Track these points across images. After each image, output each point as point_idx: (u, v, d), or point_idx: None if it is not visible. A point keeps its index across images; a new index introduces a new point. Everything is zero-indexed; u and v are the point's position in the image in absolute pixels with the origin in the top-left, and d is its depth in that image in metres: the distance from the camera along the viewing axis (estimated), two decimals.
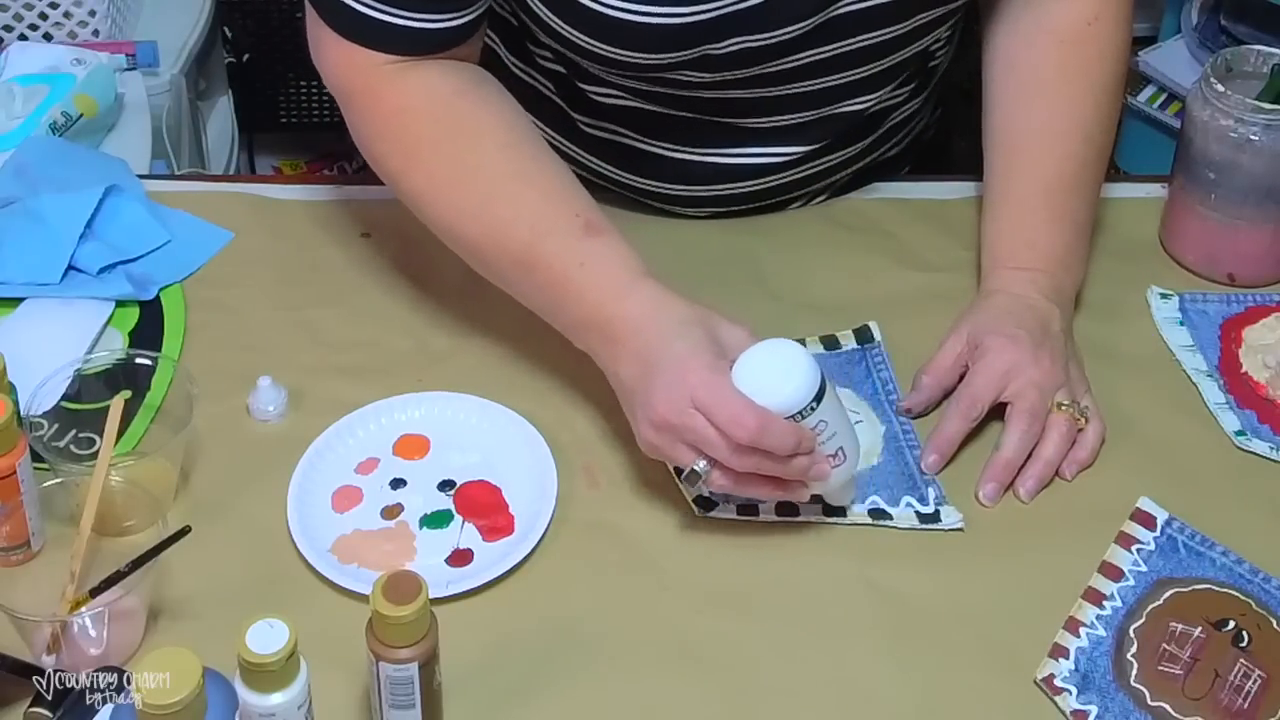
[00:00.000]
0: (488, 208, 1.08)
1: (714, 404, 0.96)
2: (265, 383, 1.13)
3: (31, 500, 0.99)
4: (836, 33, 1.13)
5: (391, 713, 0.89)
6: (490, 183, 1.08)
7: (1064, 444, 1.09)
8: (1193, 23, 2.22)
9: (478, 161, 1.09)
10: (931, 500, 1.07)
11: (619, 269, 1.04)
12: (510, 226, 1.07)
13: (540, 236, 1.06)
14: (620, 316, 1.03)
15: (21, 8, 1.86)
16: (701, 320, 1.01)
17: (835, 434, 1.00)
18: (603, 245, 1.05)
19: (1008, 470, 1.08)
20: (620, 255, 1.05)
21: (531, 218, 1.07)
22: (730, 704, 0.96)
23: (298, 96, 2.63)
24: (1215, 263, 1.27)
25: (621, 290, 1.03)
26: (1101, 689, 0.96)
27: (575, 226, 1.06)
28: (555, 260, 1.05)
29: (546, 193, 1.08)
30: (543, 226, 1.06)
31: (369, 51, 1.09)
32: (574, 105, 1.24)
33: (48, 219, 1.24)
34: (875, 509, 1.07)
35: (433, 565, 1.03)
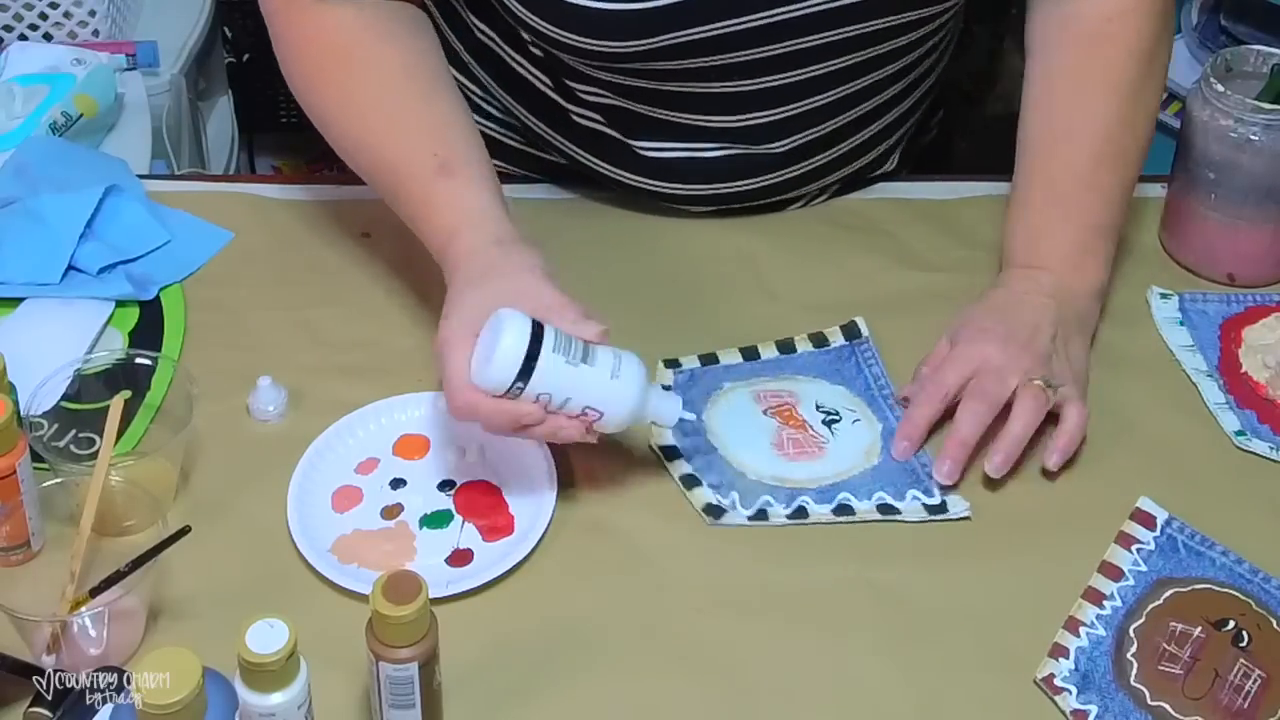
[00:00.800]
0: (366, 141, 1.14)
1: (442, 378, 1.00)
2: (265, 383, 1.13)
3: (31, 500, 0.99)
4: (802, 25, 1.13)
5: (391, 713, 0.89)
6: (372, 113, 1.13)
7: (1033, 418, 1.07)
8: (1193, 23, 2.22)
9: (362, 97, 1.14)
10: (937, 492, 1.07)
11: (452, 213, 1.08)
12: (381, 156, 1.13)
13: (403, 170, 1.11)
14: (445, 262, 1.07)
15: (21, 8, 1.85)
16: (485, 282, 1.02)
17: (569, 399, 0.98)
18: (448, 187, 1.09)
19: (961, 448, 1.07)
20: (460, 198, 1.08)
21: (398, 151, 1.12)
22: (730, 704, 0.96)
23: None
24: (1215, 263, 1.27)
25: (448, 235, 1.07)
26: (1101, 689, 0.96)
27: (429, 166, 1.09)
28: (410, 199, 1.11)
29: (420, 127, 1.12)
30: (404, 161, 1.11)
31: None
32: (565, 97, 1.24)
33: (48, 219, 1.24)
34: (883, 504, 1.07)
35: (433, 565, 1.03)
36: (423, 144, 1.11)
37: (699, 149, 1.24)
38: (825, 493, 1.07)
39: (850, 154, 1.29)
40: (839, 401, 1.14)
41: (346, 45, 1.14)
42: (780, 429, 1.11)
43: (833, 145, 1.26)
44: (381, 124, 1.13)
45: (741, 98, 1.19)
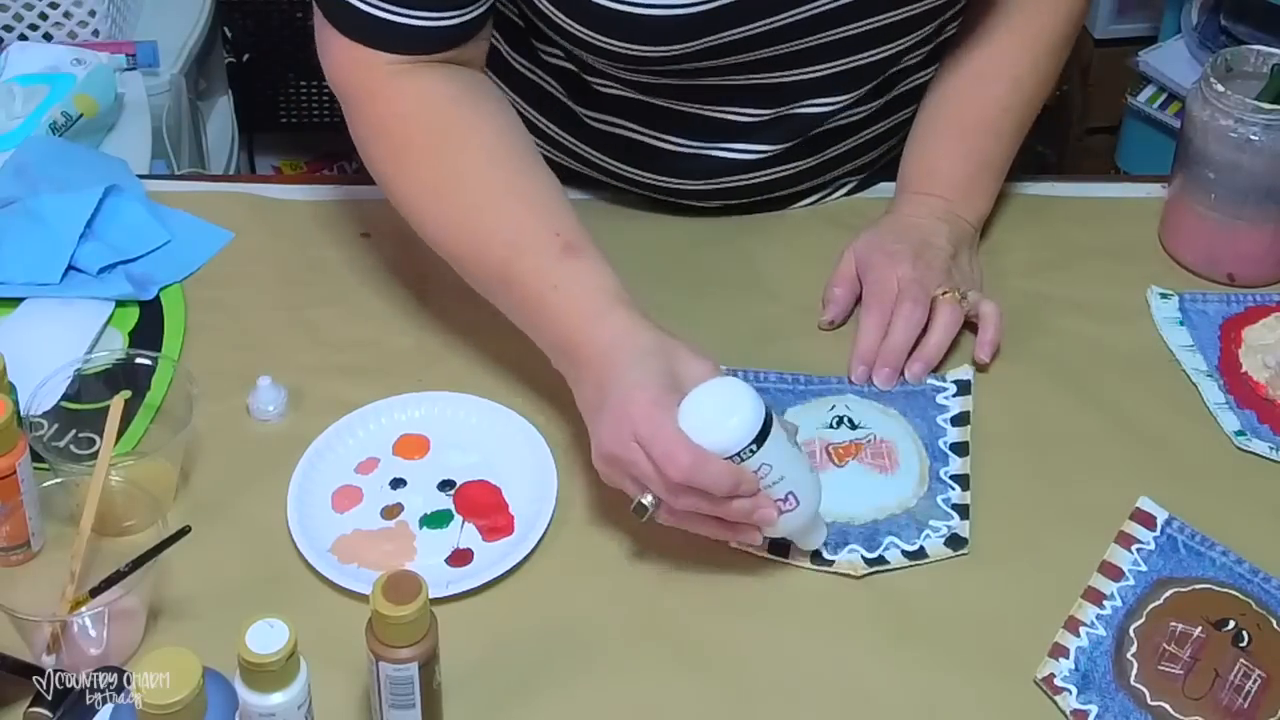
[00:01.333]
0: (469, 220, 1.08)
1: (651, 439, 0.95)
2: (265, 382, 1.13)
3: (31, 500, 0.99)
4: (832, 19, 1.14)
5: (391, 713, 0.89)
6: (473, 194, 1.08)
7: (951, 326, 1.16)
8: (1193, 23, 2.22)
9: (463, 172, 1.09)
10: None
11: (591, 294, 1.03)
12: (489, 241, 1.07)
13: (518, 254, 1.06)
14: (586, 343, 1.02)
15: (21, 8, 1.86)
16: (662, 352, 0.99)
17: (783, 479, 0.96)
18: (578, 268, 1.04)
19: (895, 354, 1.15)
20: (595, 280, 1.04)
21: (511, 234, 1.07)
22: (730, 704, 0.96)
23: (298, 96, 2.64)
24: (1215, 263, 1.27)
25: (590, 317, 1.02)
26: (1101, 688, 0.96)
27: (553, 246, 1.05)
28: (530, 280, 1.05)
29: (531, 208, 1.07)
30: (522, 243, 1.06)
31: (371, 51, 1.10)
32: (578, 100, 1.24)
33: (48, 219, 1.24)
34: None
35: (433, 565, 1.03)
36: (541, 223, 1.06)
37: (714, 146, 1.24)
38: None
39: (846, 155, 1.29)
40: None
41: (436, 120, 1.10)
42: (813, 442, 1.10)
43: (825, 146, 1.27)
44: (489, 203, 1.08)
45: (774, 90, 1.20)
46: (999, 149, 1.26)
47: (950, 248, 1.20)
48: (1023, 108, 1.26)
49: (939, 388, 1.15)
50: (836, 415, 1.12)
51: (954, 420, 1.13)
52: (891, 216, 1.24)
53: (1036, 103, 1.27)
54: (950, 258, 1.20)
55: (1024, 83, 1.25)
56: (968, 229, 1.24)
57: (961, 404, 1.15)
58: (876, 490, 1.08)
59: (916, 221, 1.22)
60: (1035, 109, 1.27)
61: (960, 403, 1.15)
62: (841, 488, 1.06)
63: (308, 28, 1.20)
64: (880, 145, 1.32)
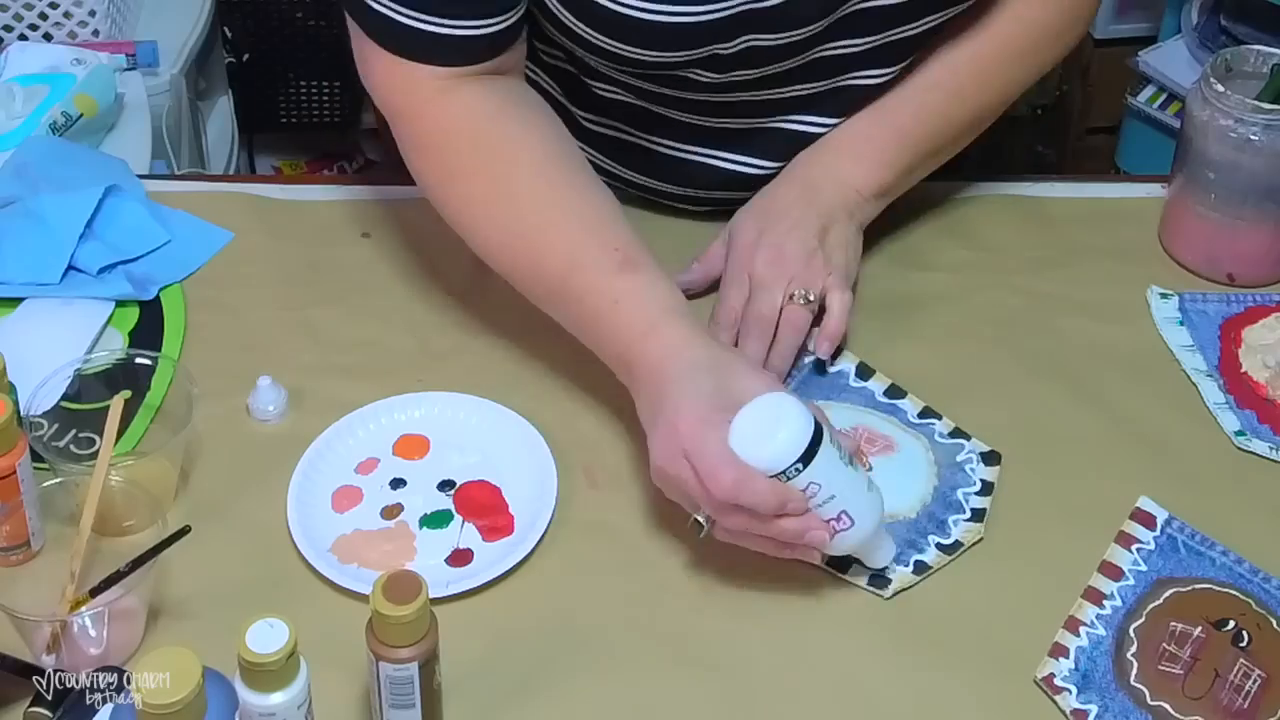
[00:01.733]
0: (524, 236, 1.08)
1: (697, 456, 0.95)
2: (265, 382, 1.13)
3: (31, 500, 0.99)
4: (836, 33, 1.13)
5: (391, 713, 0.89)
6: (527, 210, 1.08)
7: (795, 340, 1.14)
8: (1193, 23, 2.22)
9: (514, 187, 1.08)
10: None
11: (648, 308, 1.03)
12: (546, 256, 1.07)
13: (575, 269, 1.06)
14: (641, 357, 1.02)
15: (21, 8, 1.86)
16: (716, 367, 0.99)
17: (833, 497, 0.95)
18: (636, 282, 1.04)
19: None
20: (652, 294, 1.04)
21: (567, 249, 1.06)
22: (730, 704, 0.96)
23: (298, 96, 2.64)
24: (1215, 263, 1.27)
25: (646, 330, 1.02)
26: (1101, 688, 0.96)
27: (611, 261, 1.05)
28: (588, 295, 1.05)
29: (584, 222, 1.07)
30: (579, 259, 1.06)
31: (414, 65, 1.09)
32: (577, 102, 1.24)
33: (48, 219, 1.24)
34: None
35: (433, 565, 1.03)
36: (597, 238, 1.06)
37: (714, 155, 1.24)
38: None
39: None
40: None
41: (484, 136, 1.09)
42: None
43: None
44: (544, 220, 1.07)
45: (770, 105, 1.19)
46: (917, 124, 1.19)
47: (818, 223, 1.15)
48: (951, 95, 1.20)
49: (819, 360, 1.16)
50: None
51: (860, 375, 1.16)
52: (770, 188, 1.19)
53: (970, 104, 1.21)
54: (816, 236, 1.14)
55: (960, 70, 1.19)
56: (852, 197, 1.18)
57: (849, 362, 1.17)
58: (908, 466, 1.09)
59: (789, 205, 1.16)
60: (971, 110, 1.22)
61: (847, 362, 1.17)
62: (890, 485, 1.04)
63: (308, 28, 1.20)
64: None
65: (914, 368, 1.17)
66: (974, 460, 1.10)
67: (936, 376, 1.17)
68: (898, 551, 1.03)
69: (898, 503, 1.06)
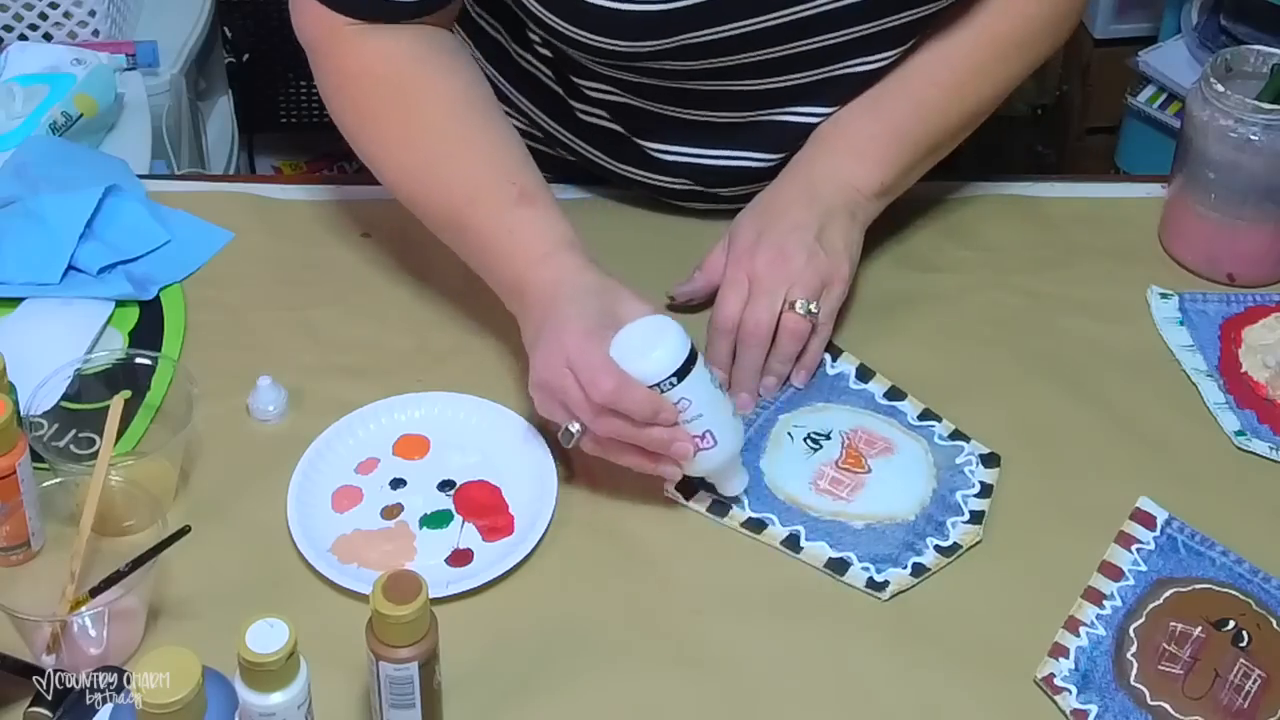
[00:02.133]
0: (429, 170, 1.13)
1: (580, 364, 1.00)
2: (265, 382, 1.13)
3: (31, 500, 0.99)
4: (811, 27, 1.13)
5: (391, 713, 0.89)
6: (433, 145, 1.13)
7: (792, 350, 1.14)
8: (1193, 23, 2.22)
9: (424, 124, 1.13)
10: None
11: (543, 238, 1.08)
12: (448, 189, 1.12)
13: (474, 200, 1.11)
14: (532, 282, 1.07)
15: (21, 8, 1.86)
16: (601, 291, 1.05)
17: (701, 415, 1.01)
18: (532, 214, 1.09)
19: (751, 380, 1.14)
20: (547, 224, 1.09)
21: (467, 182, 1.11)
22: (730, 704, 0.96)
23: (298, 96, 2.64)
24: (1215, 263, 1.27)
25: (539, 258, 1.08)
26: (1101, 688, 0.96)
27: (508, 195, 1.10)
28: (485, 225, 1.10)
29: (487, 158, 1.12)
30: (478, 191, 1.11)
31: (332, 12, 1.13)
32: (571, 94, 1.24)
33: (48, 219, 1.24)
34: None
35: (433, 565, 1.03)
36: (497, 173, 1.11)
37: (701, 153, 1.24)
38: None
39: None
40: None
41: (399, 76, 1.13)
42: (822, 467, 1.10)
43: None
44: (448, 154, 1.12)
45: (755, 96, 1.19)
46: (916, 122, 1.20)
47: (818, 223, 1.15)
48: (949, 89, 1.20)
49: (839, 369, 1.17)
50: (803, 439, 1.12)
51: (861, 377, 1.17)
52: (775, 189, 1.19)
53: (968, 100, 1.21)
54: (817, 236, 1.14)
55: (956, 66, 1.20)
56: (850, 196, 1.18)
57: (848, 363, 1.18)
58: (907, 468, 1.09)
59: (789, 204, 1.17)
60: (969, 106, 1.22)
61: (846, 363, 1.18)
62: (889, 487, 1.08)
63: None
64: None
65: (914, 368, 1.17)
66: (973, 462, 1.10)
67: (936, 377, 1.17)
68: (895, 553, 1.03)
69: (897, 505, 1.07)
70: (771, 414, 1.14)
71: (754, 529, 1.06)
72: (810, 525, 1.06)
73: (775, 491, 1.08)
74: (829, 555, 1.04)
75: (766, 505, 1.07)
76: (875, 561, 1.03)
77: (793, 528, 1.06)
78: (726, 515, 1.07)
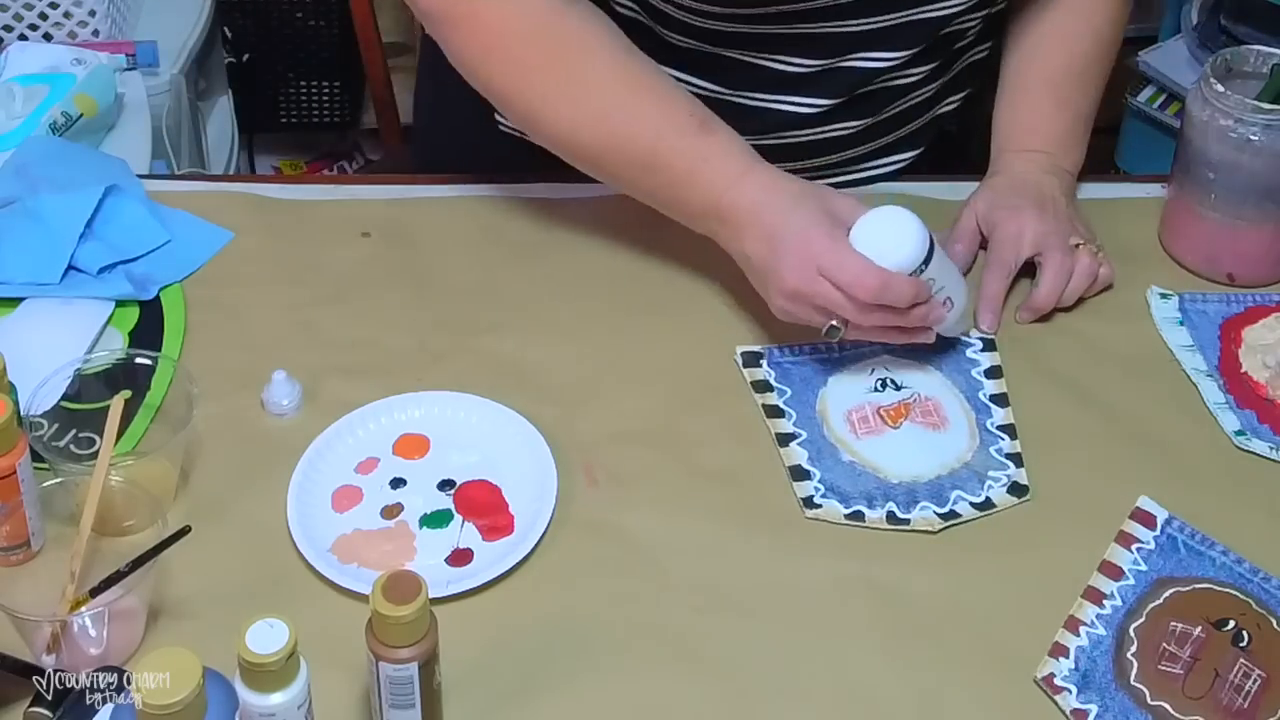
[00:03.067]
0: (606, 118, 1.16)
1: (837, 268, 1.07)
2: (280, 376, 1.13)
3: (31, 500, 0.99)
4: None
5: (391, 713, 0.89)
6: (604, 94, 1.16)
7: (1090, 274, 1.23)
8: (1193, 23, 2.22)
9: (587, 76, 1.16)
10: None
11: (736, 159, 1.14)
12: (631, 133, 1.15)
13: (662, 137, 1.15)
14: (738, 200, 1.13)
15: (21, 8, 1.86)
16: (812, 195, 1.12)
17: (944, 287, 1.11)
18: (718, 139, 1.15)
19: (1048, 302, 1.22)
20: (736, 147, 1.15)
21: (651, 122, 1.15)
22: (730, 704, 0.96)
23: (298, 96, 2.64)
24: (1215, 263, 1.27)
25: (738, 177, 1.13)
26: (1101, 688, 0.96)
27: (691, 126, 1.15)
28: (678, 159, 1.15)
29: (660, 97, 1.16)
30: (663, 128, 1.15)
31: None
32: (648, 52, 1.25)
33: (48, 219, 1.24)
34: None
35: (433, 565, 1.03)
36: (675, 108, 1.15)
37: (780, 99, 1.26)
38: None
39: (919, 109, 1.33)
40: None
41: (548, 29, 1.15)
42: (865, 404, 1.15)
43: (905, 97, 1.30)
44: (623, 100, 1.15)
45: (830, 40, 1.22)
46: (1086, 100, 1.31)
47: (1064, 199, 1.26)
48: (1104, 59, 1.32)
49: (967, 343, 1.20)
50: (879, 378, 1.16)
51: (988, 373, 1.18)
52: (1002, 176, 1.28)
53: (1113, 53, 1.33)
54: (1068, 208, 1.25)
55: (1103, 34, 1.32)
56: (1071, 181, 1.30)
57: (990, 359, 1.19)
58: (935, 448, 1.12)
59: (1029, 178, 1.27)
60: (1113, 59, 1.33)
61: (989, 358, 1.19)
62: (902, 449, 1.11)
63: (308, 28, 1.20)
64: (931, 111, 1.34)
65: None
66: (1002, 481, 1.10)
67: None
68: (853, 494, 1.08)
69: (889, 466, 1.10)
70: (878, 351, 1.18)
71: (771, 414, 1.14)
72: (812, 436, 1.12)
73: (818, 401, 1.14)
74: (799, 463, 1.10)
75: (798, 406, 1.14)
76: (828, 488, 1.08)
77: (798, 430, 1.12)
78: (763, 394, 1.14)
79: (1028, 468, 1.11)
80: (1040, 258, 1.22)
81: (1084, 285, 1.23)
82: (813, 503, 1.07)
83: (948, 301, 1.13)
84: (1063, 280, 1.21)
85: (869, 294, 1.07)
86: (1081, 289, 1.23)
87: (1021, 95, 1.31)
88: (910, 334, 1.13)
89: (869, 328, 1.11)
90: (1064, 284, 1.22)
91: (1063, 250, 1.22)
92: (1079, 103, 1.31)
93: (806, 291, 1.09)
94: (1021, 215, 1.23)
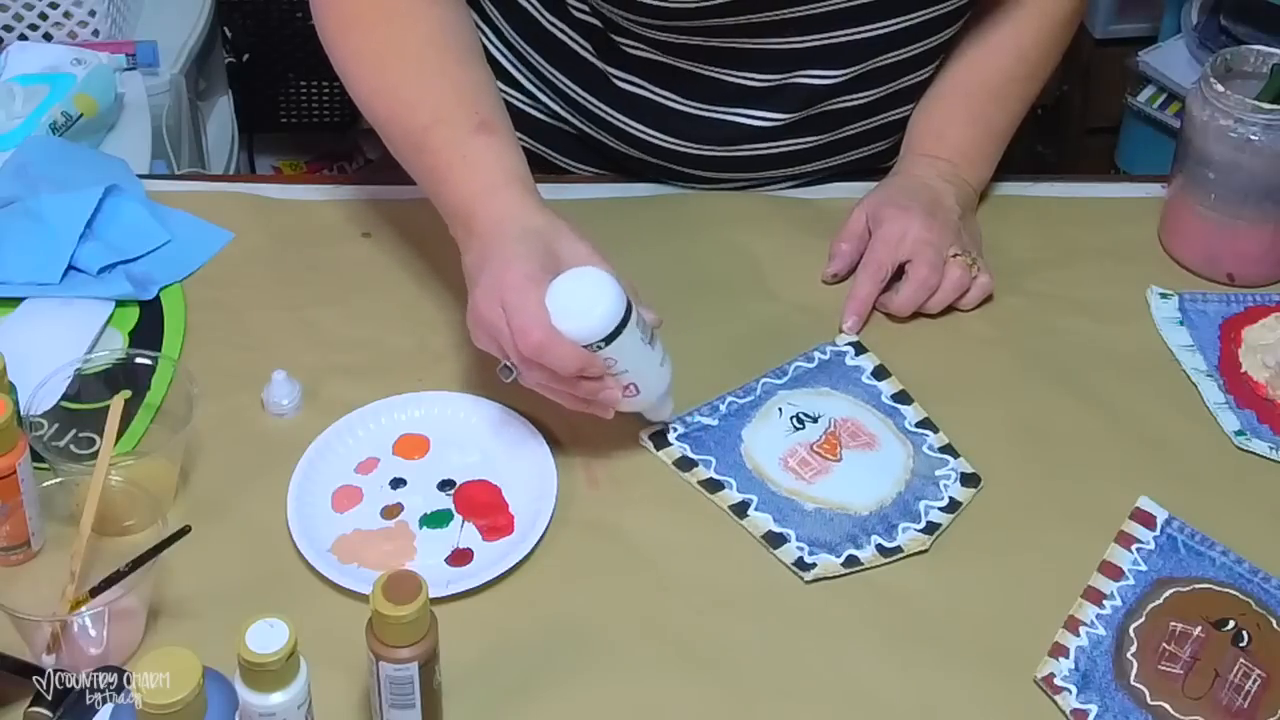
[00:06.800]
0: (399, 88, 1.14)
1: (514, 310, 1.01)
2: (280, 376, 1.13)
3: (31, 500, 0.99)
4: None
5: (391, 713, 0.89)
6: (405, 66, 1.14)
7: (958, 288, 1.21)
8: (1193, 23, 2.22)
9: (403, 46, 1.15)
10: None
11: (494, 170, 1.09)
12: (412, 110, 1.13)
13: (435, 123, 1.12)
14: (481, 213, 1.08)
15: (21, 8, 1.86)
16: (545, 232, 1.05)
17: (627, 371, 1.03)
18: (489, 144, 1.10)
19: (901, 311, 1.21)
20: (501, 157, 1.10)
21: (433, 105, 1.13)
22: (730, 704, 0.96)
23: (298, 96, 2.64)
24: (1215, 263, 1.27)
25: (490, 190, 1.08)
26: (1101, 688, 0.96)
27: (470, 122, 1.11)
28: (442, 148, 1.11)
29: (457, 86, 1.14)
30: (442, 115, 1.12)
31: None
32: (605, 59, 1.26)
33: (48, 219, 1.24)
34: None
35: (433, 565, 1.03)
36: (463, 100, 1.12)
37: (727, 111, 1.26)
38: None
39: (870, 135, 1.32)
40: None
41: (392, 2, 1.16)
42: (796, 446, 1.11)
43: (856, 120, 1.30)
44: (419, 76, 1.14)
45: (780, 56, 1.22)
46: (1002, 117, 1.31)
47: (958, 209, 1.24)
48: (1027, 80, 1.30)
49: (841, 351, 1.19)
50: (790, 415, 1.13)
51: (875, 375, 1.17)
52: (900, 176, 1.28)
53: (1040, 76, 1.32)
54: (959, 217, 1.24)
55: (1029, 55, 1.30)
56: (971, 193, 1.29)
57: (869, 361, 1.18)
58: (881, 467, 1.10)
59: (926, 181, 1.26)
60: (1039, 83, 1.32)
61: (868, 360, 1.19)
62: (855, 479, 1.09)
63: (308, 28, 1.21)
64: (884, 139, 1.33)
65: (914, 367, 1.18)
66: (952, 478, 1.10)
67: (936, 376, 1.17)
68: (834, 542, 1.05)
69: (853, 498, 1.08)
70: (773, 389, 1.15)
71: (710, 489, 1.08)
72: (764, 497, 1.07)
73: (745, 459, 1.10)
74: (769, 528, 1.05)
75: (731, 471, 1.09)
76: (811, 544, 1.05)
77: (747, 495, 1.07)
78: (690, 471, 1.09)
79: (1028, 467, 1.10)
80: (910, 266, 1.20)
81: (951, 298, 1.21)
82: (804, 564, 1.04)
83: (630, 387, 1.04)
84: (922, 295, 1.20)
85: (528, 349, 1.00)
86: (948, 301, 1.22)
87: (937, 102, 1.30)
88: (582, 404, 1.05)
89: (533, 383, 1.04)
90: (923, 298, 1.21)
91: (931, 265, 1.20)
92: (994, 118, 1.30)
93: (489, 320, 1.03)
94: (908, 216, 1.22)
